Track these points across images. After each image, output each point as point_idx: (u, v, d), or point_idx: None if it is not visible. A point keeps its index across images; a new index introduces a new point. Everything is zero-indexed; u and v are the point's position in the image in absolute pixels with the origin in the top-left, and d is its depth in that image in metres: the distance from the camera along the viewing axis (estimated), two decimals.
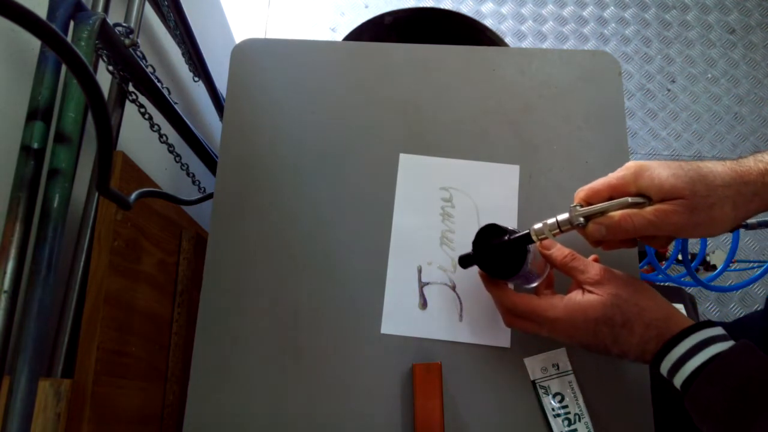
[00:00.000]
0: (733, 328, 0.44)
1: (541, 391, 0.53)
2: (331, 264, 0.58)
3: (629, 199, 0.45)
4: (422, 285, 0.57)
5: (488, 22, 1.60)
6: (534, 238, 0.48)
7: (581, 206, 0.47)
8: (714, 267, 1.28)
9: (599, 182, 0.47)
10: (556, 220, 0.47)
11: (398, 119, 0.62)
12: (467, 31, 1.07)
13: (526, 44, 1.65)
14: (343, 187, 0.60)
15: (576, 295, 0.47)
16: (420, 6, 1.62)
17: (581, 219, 0.46)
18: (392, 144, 0.61)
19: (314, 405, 0.54)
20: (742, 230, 0.88)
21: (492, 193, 0.60)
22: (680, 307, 0.94)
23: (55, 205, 0.48)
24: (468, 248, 0.49)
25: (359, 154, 0.61)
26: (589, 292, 0.46)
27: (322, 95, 0.64)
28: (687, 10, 1.71)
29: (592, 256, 0.50)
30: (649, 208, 0.44)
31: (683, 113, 1.60)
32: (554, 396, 0.53)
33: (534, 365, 0.54)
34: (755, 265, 1.39)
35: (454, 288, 0.57)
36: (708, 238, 1.08)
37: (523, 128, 0.62)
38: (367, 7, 1.69)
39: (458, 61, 0.65)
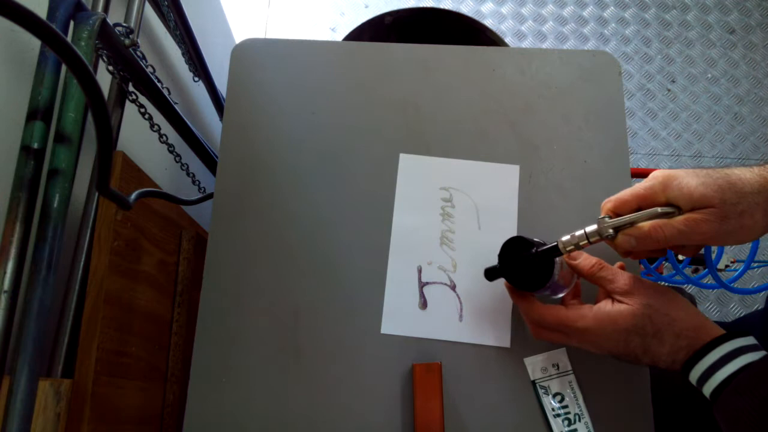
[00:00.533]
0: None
1: (541, 391, 0.53)
2: (331, 264, 0.58)
3: (659, 209, 0.44)
4: (422, 285, 0.57)
5: (488, 22, 1.60)
6: (562, 250, 0.47)
7: (609, 218, 0.46)
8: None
9: (627, 192, 0.47)
10: (585, 232, 0.47)
11: (398, 119, 0.62)
12: (467, 31, 1.07)
13: (526, 44, 1.66)
14: (343, 187, 0.60)
15: (605, 305, 0.46)
16: (420, 6, 1.62)
17: (610, 230, 0.46)
18: (392, 144, 0.61)
19: (314, 405, 0.54)
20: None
21: (492, 193, 0.60)
22: None
23: (55, 205, 0.48)
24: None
25: (359, 154, 0.61)
26: (619, 301, 0.46)
27: (322, 95, 0.64)
28: (687, 10, 1.71)
29: (618, 264, 0.50)
30: (679, 218, 0.43)
31: (683, 113, 1.60)
32: (554, 396, 0.53)
33: (534, 365, 0.54)
34: (756, 265, 1.39)
35: (454, 288, 0.57)
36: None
37: (523, 128, 0.62)
38: (367, 7, 1.69)
39: (458, 61, 0.65)
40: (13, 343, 0.45)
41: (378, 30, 1.06)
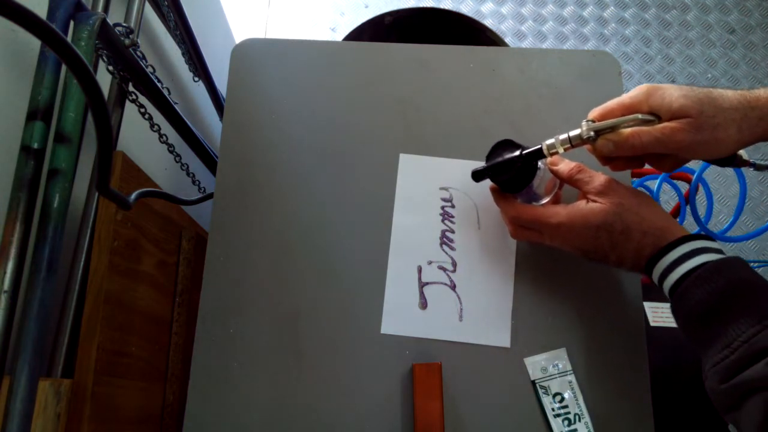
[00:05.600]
0: None
1: (541, 391, 0.53)
2: (331, 264, 0.58)
3: (639, 116, 0.46)
4: (422, 285, 0.57)
5: (488, 22, 1.60)
6: (545, 152, 0.49)
7: (593, 122, 0.48)
8: None
9: (613, 102, 0.49)
10: (568, 135, 0.48)
11: (398, 119, 0.62)
12: (467, 31, 1.07)
13: (526, 44, 1.65)
14: (343, 187, 0.60)
15: (580, 204, 0.48)
16: (420, 6, 1.62)
17: (592, 133, 0.47)
18: (392, 144, 0.61)
19: (314, 405, 0.54)
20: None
21: None
22: None
23: (55, 205, 0.48)
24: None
25: (359, 154, 0.61)
26: (593, 201, 0.48)
27: (322, 95, 0.64)
28: (687, 10, 1.71)
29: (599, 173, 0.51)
30: (657, 126, 0.45)
31: None
32: (554, 396, 0.53)
33: (534, 365, 0.54)
34: (756, 265, 1.39)
35: (454, 288, 0.57)
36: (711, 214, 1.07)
37: (523, 128, 0.62)
38: (367, 7, 1.69)
39: (458, 61, 0.64)
40: (13, 343, 0.45)
41: (378, 30, 1.06)
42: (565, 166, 0.51)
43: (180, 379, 0.69)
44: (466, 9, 1.70)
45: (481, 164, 0.52)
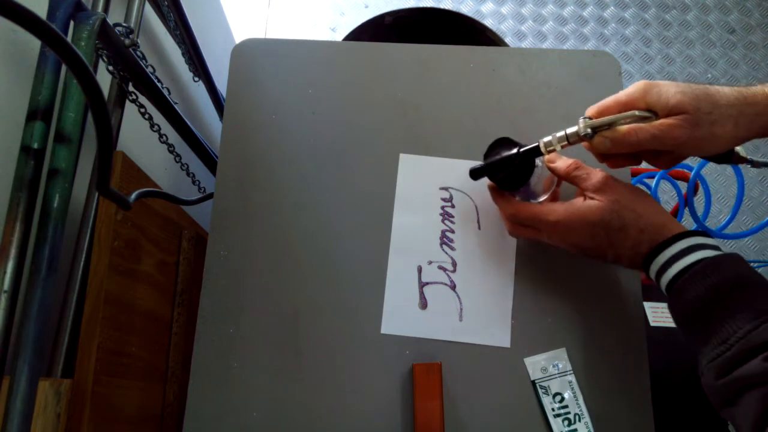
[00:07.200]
0: None
1: (541, 391, 0.53)
2: (331, 264, 0.58)
3: (636, 112, 0.46)
4: (422, 285, 0.57)
5: (488, 22, 1.60)
6: (542, 149, 0.49)
7: (590, 119, 0.48)
8: None
9: (609, 99, 0.49)
10: (565, 133, 0.48)
11: (398, 119, 0.62)
12: (467, 31, 1.07)
13: (526, 44, 1.65)
14: (343, 187, 0.60)
15: (577, 201, 0.48)
16: (420, 6, 1.62)
17: (589, 130, 0.47)
18: (392, 144, 0.61)
19: (314, 405, 0.54)
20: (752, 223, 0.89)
21: None
22: None
23: (55, 205, 0.48)
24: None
25: (359, 154, 0.61)
26: (591, 198, 0.48)
27: (322, 95, 0.64)
28: (687, 10, 1.71)
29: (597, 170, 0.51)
30: (653, 123, 0.45)
31: None
32: (554, 396, 0.53)
33: (534, 365, 0.54)
34: (756, 265, 1.39)
35: (454, 288, 0.57)
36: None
37: (523, 128, 0.62)
38: (367, 7, 1.69)
39: (458, 61, 0.64)
40: (13, 343, 0.45)
41: (378, 30, 1.06)
42: (562, 163, 0.51)
43: (180, 379, 0.69)
44: (466, 9, 1.70)
45: (479, 163, 0.52)
